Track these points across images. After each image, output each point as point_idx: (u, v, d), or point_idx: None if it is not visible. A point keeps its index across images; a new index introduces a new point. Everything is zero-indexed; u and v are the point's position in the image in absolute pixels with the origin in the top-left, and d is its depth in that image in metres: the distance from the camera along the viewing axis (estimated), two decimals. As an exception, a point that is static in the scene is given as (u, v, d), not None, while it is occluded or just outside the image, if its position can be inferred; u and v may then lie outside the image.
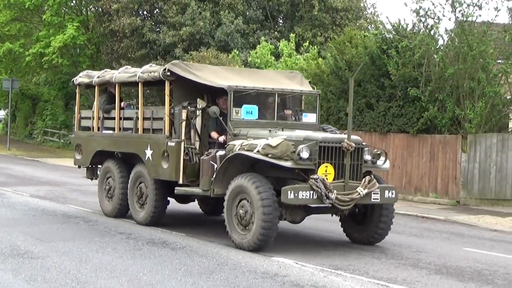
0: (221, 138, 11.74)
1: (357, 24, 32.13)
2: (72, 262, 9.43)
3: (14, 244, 10.58)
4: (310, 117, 12.53)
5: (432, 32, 19.48)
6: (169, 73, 12.16)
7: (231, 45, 30.61)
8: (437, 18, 19.28)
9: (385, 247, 11.52)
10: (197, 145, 11.97)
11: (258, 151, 10.51)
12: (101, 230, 12.34)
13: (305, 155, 10.40)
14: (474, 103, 18.37)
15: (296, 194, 10.24)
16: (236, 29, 31.16)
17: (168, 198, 12.99)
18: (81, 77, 14.95)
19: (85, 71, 15.70)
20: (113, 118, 13.89)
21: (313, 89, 13.34)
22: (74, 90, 16.05)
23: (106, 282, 8.39)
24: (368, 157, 11.24)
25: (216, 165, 11.21)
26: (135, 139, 13.13)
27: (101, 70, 15.07)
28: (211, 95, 12.20)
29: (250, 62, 27.06)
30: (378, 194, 10.89)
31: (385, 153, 11.65)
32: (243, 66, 26.87)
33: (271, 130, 11.30)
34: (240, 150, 10.79)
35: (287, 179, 10.76)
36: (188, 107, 11.95)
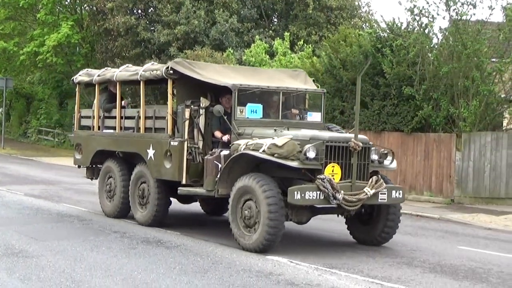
0: (226, 138, 11.55)
1: (352, 23, 32.13)
2: (67, 261, 9.41)
3: (9, 243, 10.55)
4: (315, 116, 12.35)
5: (427, 31, 19.50)
6: (172, 71, 12.00)
7: (226, 44, 30.58)
8: (432, 17, 19.32)
9: (380, 246, 11.51)
10: (201, 145, 11.84)
11: (264, 151, 10.33)
12: (96, 229, 12.30)
13: (312, 155, 10.25)
14: (469, 102, 18.40)
15: (303, 195, 10.08)
16: (231, 28, 31.14)
17: (170, 198, 12.82)
18: (81, 76, 14.78)
19: (85, 70, 15.48)
20: (114, 117, 13.71)
21: (317, 88, 13.17)
22: (69, 89, 15.99)
23: (101, 281, 8.38)
24: (375, 157, 11.11)
25: (221, 165, 11.02)
26: (137, 139, 12.95)
27: (101, 69, 14.82)
28: (214, 94, 12.07)
29: (245, 61, 27.01)
30: (386, 194, 10.75)
31: (392, 153, 11.49)
32: (238, 65, 26.82)
33: (276, 129, 11.14)
34: (246, 150, 10.59)
35: (293, 179, 10.58)
36: (191, 106, 11.79)
